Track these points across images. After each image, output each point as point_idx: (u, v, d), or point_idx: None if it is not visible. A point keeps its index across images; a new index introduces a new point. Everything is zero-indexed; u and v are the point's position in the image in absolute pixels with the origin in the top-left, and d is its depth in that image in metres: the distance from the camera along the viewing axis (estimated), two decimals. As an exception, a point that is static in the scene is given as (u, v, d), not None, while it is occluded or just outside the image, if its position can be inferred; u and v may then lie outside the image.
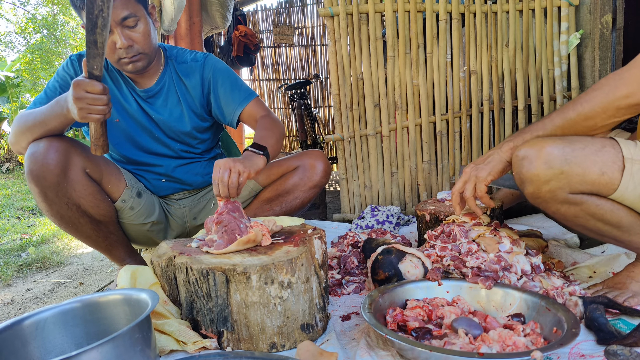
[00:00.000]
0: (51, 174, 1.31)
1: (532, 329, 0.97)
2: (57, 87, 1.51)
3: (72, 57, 1.56)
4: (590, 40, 2.37)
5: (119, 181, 1.52)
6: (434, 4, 2.38)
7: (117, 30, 1.38)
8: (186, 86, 1.63)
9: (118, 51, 1.42)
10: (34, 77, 8.00)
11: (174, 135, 1.66)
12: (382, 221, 2.24)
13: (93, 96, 1.18)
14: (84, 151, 1.41)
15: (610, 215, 1.06)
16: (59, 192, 1.35)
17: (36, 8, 8.53)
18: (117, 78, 1.59)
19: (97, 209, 1.45)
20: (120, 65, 1.48)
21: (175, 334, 1.04)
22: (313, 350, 0.93)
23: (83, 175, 1.39)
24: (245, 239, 1.13)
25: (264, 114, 1.63)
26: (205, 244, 1.17)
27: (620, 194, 1.03)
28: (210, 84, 1.64)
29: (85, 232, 1.48)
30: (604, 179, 1.02)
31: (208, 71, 1.64)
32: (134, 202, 1.56)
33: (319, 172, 1.75)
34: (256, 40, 4.70)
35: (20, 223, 3.93)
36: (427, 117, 2.46)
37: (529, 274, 1.25)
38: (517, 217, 2.18)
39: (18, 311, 1.86)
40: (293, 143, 6.95)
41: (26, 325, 0.93)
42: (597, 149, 1.03)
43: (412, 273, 1.25)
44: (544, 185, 1.04)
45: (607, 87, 1.01)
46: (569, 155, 1.02)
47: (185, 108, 1.64)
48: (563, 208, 1.08)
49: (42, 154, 1.31)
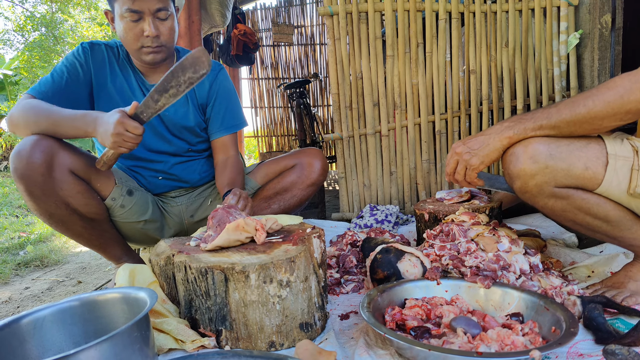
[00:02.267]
0: (36, 173, 1.31)
1: (530, 328, 0.97)
2: (64, 71, 1.49)
3: (84, 45, 1.55)
4: (589, 40, 2.37)
5: (107, 179, 1.50)
6: (434, 3, 2.38)
7: (148, 19, 1.44)
8: (194, 87, 1.65)
9: (144, 39, 1.46)
10: (32, 74, 7.98)
11: (176, 131, 1.67)
12: (381, 220, 2.24)
13: (131, 135, 1.25)
14: (70, 150, 1.40)
15: (597, 208, 1.09)
16: (45, 191, 1.34)
17: (35, 6, 8.50)
18: (128, 70, 1.60)
19: (87, 207, 1.44)
20: (139, 54, 1.50)
21: (174, 332, 1.04)
22: (312, 349, 0.93)
23: (69, 174, 1.38)
24: (233, 225, 1.13)
25: (234, 153, 1.72)
26: (203, 241, 1.17)
27: (605, 189, 1.07)
28: (214, 96, 1.71)
29: (77, 231, 1.46)
30: (588, 174, 1.06)
31: (217, 84, 1.71)
32: (125, 200, 1.55)
33: (316, 170, 1.75)
34: (255, 39, 4.70)
35: (19, 221, 3.92)
36: (426, 117, 2.46)
37: (527, 273, 1.25)
38: (516, 217, 2.18)
39: (16, 309, 1.86)
40: (292, 142, 6.94)
41: (24, 323, 0.93)
42: (582, 145, 1.07)
43: (411, 272, 1.25)
44: (530, 180, 1.08)
45: (621, 88, 0.99)
46: (554, 151, 1.06)
47: (191, 105, 1.67)
48: (551, 202, 1.11)
49: (28, 152, 1.30)
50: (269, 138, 7.11)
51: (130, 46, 1.50)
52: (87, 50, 1.54)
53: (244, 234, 1.15)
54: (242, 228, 1.14)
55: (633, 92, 0.97)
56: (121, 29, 1.47)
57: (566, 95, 2.44)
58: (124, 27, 1.45)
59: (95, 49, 1.56)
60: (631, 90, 0.97)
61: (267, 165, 1.82)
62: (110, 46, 1.60)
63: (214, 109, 1.71)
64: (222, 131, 1.71)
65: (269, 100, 7.03)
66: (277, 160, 1.83)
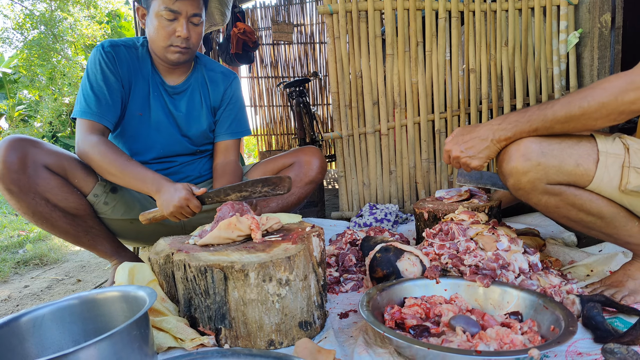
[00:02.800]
0: (10, 171, 1.33)
1: (529, 327, 0.97)
2: (103, 87, 1.51)
3: (106, 49, 1.55)
4: (589, 39, 2.37)
5: (87, 175, 1.51)
6: (433, 2, 2.37)
7: (183, 21, 1.49)
8: (209, 91, 1.74)
9: (174, 38, 1.51)
10: (31, 73, 7.96)
11: (187, 132, 1.71)
12: (381, 219, 2.24)
13: (189, 211, 1.35)
14: (44, 147, 1.42)
15: (590, 204, 1.10)
16: (22, 188, 1.36)
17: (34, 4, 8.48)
18: (148, 69, 1.62)
19: (66, 202, 1.45)
20: (166, 51, 1.54)
21: (173, 331, 1.04)
22: (311, 347, 0.93)
23: (43, 170, 1.40)
24: (225, 222, 1.15)
25: (235, 158, 1.77)
26: (199, 235, 1.18)
27: (597, 185, 1.08)
28: (227, 101, 1.77)
29: (62, 228, 1.47)
30: (579, 170, 1.07)
31: (231, 90, 1.78)
32: (108, 197, 1.55)
33: (314, 168, 1.76)
34: (255, 38, 4.69)
35: (18, 220, 3.92)
36: (425, 116, 2.46)
37: (526, 272, 1.25)
38: (515, 216, 2.19)
39: (15, 308, 1.86)
40: (291, 141, 6.94)
41: (23, 322, 0.93)
42: (573, 143, 1.09)
43: (410, 271, 1.25)
44: (522, 177, 1.10)
45: (616, 89, 0.99)
46: (546, 148, 1.08)
47: (205, 107, 1.73)
48: (544, 199, 1.13)
49: (2, 152, 1.33)
50: (268, 137, 7.11)
51: (158, 43, 1.53)
52: (111, 53, 1.55)
53: (236, 232, 1.16)
54: (234, 226, 1.15)
55: (627, 93, 0.97)
56: (154, 25, 1.50)
57: (565, 95, 2.43)
58: (157, 25, 1.50)
59: (117, 50, 1.57)
60: (626, 91, 0.97)
61: (265, 164, 1.83)
62: (127, 46, 1.61)
63: (224, 114, 1.77)
64: (227, 135, 1.77)
65: (268, 99, 7.02)
66: (276, 158, 1.83)
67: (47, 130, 7.78)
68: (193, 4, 1.49)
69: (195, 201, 1.34)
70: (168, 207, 1.34)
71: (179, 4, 1.46)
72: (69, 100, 7.99)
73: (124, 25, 9.41)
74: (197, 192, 1.35)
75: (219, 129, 1.78)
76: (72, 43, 8.35)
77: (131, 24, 9.38)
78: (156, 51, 1.57)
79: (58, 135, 8.01)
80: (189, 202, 1.32)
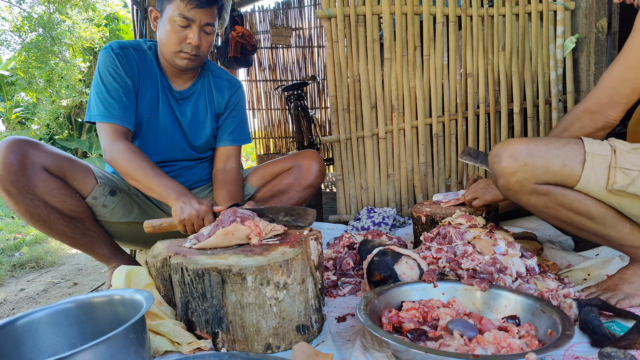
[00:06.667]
0: (9, 172, 1.33)
1: (526, 331, 0.97)
2: (119, 89, 1.53)
3: (115, 50, 1.55)
4: (585, 45, 2.39)
5: (86, 178, 1.50)
6: (431, 6, 2.39)
7: (196, 29, 1.50)
8: (214, 97, 1.76)
9: (185, 45, 1.52)
10: (29, 75, 7.95)
11: (191, 137, 1.72)
12: (378, 223, 2.24)
13: (200, 224, 1.34)
14: (43, 149, 1.42)
15: (578, 204, 1.13)
16: (20, 189, 1.36)
17: (32, 6, 8.46)
18: (155, 73, 1.63)
19: (65, 204, 1.45)
20: (175, 57, 1.54)
21: (170, 334, 1.03)
22: (308, 351, 0.93)
23: (42, 172, 1.39)
24: (223, 232, 1.15)
25: (235, 165, 1.78)
26: (195, 237, 1.18)
27: (584, 185, 1.11)
28: (230, 107, 1.79)
29: (60, 230, 1.46)
30: (566, 170, 1.10)
31: (235, 98, 1.80)
32: (107, 200, 1.55)
33: (313, 172, 1.76)
34: (253, 41, 4.70)
35: (14, 222, 3.90)
36: (423, 119, 2.46)
37: (523, 276, 1.25)
38: (512, 220, 2.19)
39: (11, 311, 1.85)
40: (289, 144, 6.94)
41: (19, 325, 0.92)
42: (560, 144, 1.13)
43: (408, 275, 1.25)
44: (511, 177, 1.14)
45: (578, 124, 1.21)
46: (533, 150, 1.12)
47: (209, 114, 1.74)
48: (533, 199, 1.16)
49: (1, 154, 1.33)
50: (266, 140, 7.11)
51: (169, 47, 1.53)
52: (121, 55, 1.55)
53: (233, 240, 1.17)
54: (231, 235, 1.15)
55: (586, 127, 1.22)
56: (166, 30, 1.50)
57: (562, 99, 2.45)
58: (169, 29, 1.50)
59: (126, 52, 1.57)
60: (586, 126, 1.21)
61: (264, 168, 1.83)
62: (135, 48, 1.61)
63: (227, 120, 1.78)
64: (229, 141, 1.79)
65: (266, 102, 7.03)
66: (274, 162, 1.83)
67: (45, 133, 7.75)
68: (208, 13, 1.49)
69: (212, 217, 1.34)
70: (183, 212, 1.33)
71: (194, 12, 1.46)
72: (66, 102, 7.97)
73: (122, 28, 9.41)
74: (217, 210, 1.36)
75: (220, 134, 1.79)
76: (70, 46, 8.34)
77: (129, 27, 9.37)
78: (165, 55, 1.57)
79: (55, 138, 7.99)
80: (206, 216, 1.33)
